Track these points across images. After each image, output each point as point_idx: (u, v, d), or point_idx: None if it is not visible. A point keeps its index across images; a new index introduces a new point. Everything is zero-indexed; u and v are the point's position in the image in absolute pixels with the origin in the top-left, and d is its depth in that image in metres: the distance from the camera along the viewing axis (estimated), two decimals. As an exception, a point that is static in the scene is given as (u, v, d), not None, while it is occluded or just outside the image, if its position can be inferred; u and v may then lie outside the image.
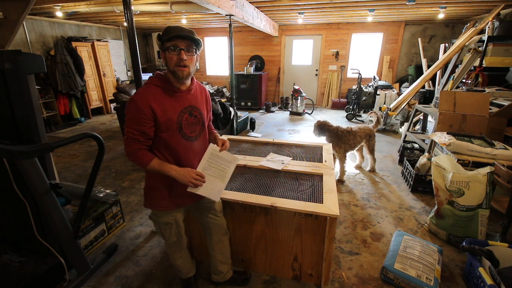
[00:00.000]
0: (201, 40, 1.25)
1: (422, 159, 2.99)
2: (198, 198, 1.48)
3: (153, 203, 1.40)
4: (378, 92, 5.65)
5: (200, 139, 1.40)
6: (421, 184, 2.92)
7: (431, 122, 4.09)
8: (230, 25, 4.12)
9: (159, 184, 1.36)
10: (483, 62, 3.79)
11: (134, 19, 2.07)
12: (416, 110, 3.91)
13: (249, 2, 4.38)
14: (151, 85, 1.26)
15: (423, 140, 3.55)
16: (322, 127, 3.09)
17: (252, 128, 5.29)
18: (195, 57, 1.26)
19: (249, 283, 1.79)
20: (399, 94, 5.51)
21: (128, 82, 7.26)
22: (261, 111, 7.25)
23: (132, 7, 2.08)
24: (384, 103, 5.47)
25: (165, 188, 1.36)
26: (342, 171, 3.18)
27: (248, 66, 7.40)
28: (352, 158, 3.87)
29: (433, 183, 2.26)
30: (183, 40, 1.19)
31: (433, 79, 5.48)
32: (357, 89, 6.18)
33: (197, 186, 1.31)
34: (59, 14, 4.73)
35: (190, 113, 1.32)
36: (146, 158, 1.24)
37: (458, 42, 4.50)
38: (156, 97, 1.23)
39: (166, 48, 1.20)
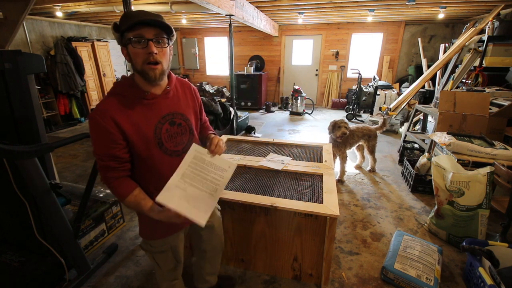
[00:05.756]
0: (172, 27, 0.95)
1: (422, 159, 2.99)
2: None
3: (147, 232, 1.17)
4: (378, 92, 5.65)
5: None
6: (421, 184, 2.92)
7: (431, 122, 4.09)
8: (230, 25, 4.12)
9: None
10: (483, 62, 3.79)
11: (134, 19, 2.06)
12: (416, 110, 3.91)
13: (249, 2, 4.38)
14: (113, 94, 0.97)
15: (423, 140, 3.55)
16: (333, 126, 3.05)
17: (249, 132, 5.21)
18: (168, 49, 0.96)
19: None
20: (399, 94, 5.51)
21: (128, 82, 7.25)
22: (261, 111, 7.25)
23: (132, 7, 2.07)
24: (384, 103, 5.47)
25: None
26: (342, 171, 3.18)
27: (248, 66, 7.40)
28: (352, 158, 3.87)
29: (433, 183, 2.26)
30: (150, 28, 0.89)
31: (433, 79, 5.48)
32: (357, 89, 6.18)
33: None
34: (59, 14, 4.74)
35: (171, 122, 1.04)
36: (122, 190, 0.97)
37: (458, 42, 4.50)
38: (120, 109, 0.94)
39: (127, 41, 0.91)
